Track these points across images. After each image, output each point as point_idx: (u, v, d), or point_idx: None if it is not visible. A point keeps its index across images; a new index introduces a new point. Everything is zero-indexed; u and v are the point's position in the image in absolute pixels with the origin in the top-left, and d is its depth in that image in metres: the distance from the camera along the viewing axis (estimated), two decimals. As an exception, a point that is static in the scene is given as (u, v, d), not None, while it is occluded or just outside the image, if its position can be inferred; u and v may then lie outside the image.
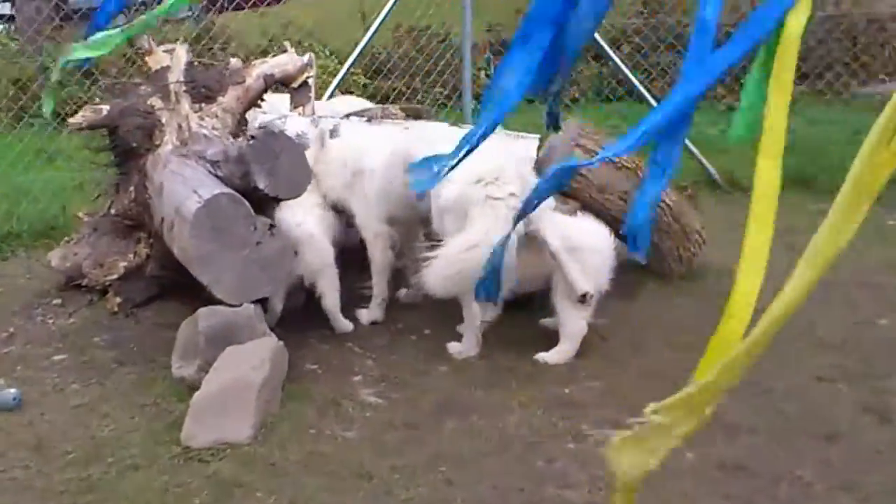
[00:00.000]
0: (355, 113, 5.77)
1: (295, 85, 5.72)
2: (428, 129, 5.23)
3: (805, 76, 9.44)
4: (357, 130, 5.36)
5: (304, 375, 4.33)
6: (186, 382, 4.11)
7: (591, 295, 4.47)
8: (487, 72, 10.18)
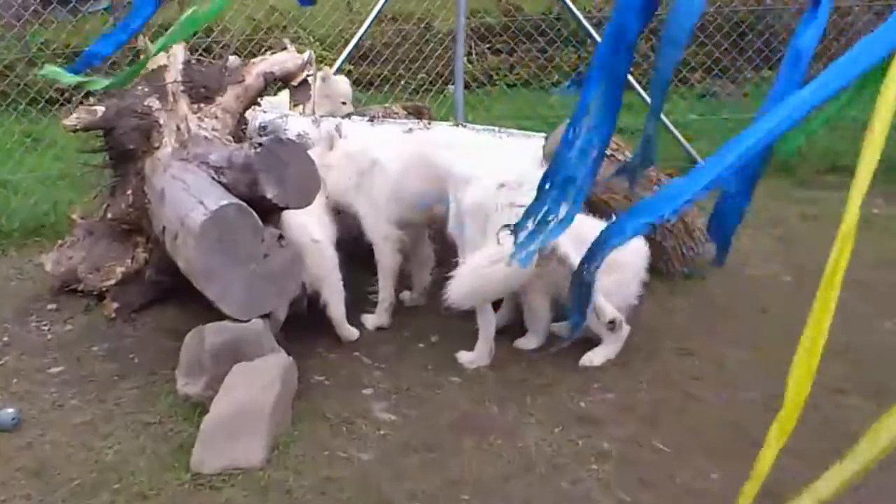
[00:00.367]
0: (356, 113, 5.51)
1: (295, 83, 5.45)
2: (448, 134, 4.97)
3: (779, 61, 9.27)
4: (365, 132, 5.11)
5: (313, 389, 4.11)
6: (192, 400, 3.88)
7: (621, 320, 4.34)
8: (470, 59, 9.90)
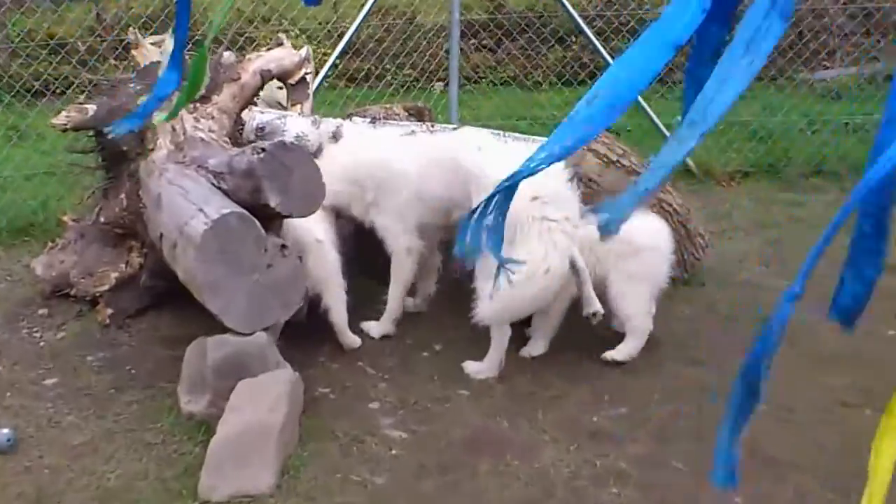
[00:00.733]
0: (356, 113, 5.25)
1: (292, 81, 5.18)
2: (471, 135, 4.64)
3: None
4: (379, 136, 4.80)
5: (319, 403, 3.89)
6: (196, 419, 3.66)
7: (601, 314, 4.21)
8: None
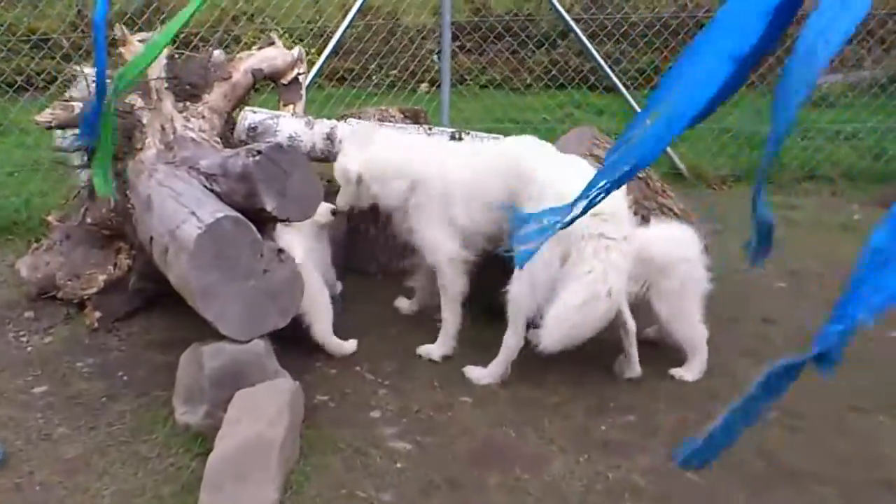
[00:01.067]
0: (351, 115, 5.04)
1: (284, 81, 4.96)
2: (536, 148, 4.16)
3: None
4: (425, 143, 4.49)
5: (319, 412, 3.70)
6: (193, 430, 3.46)
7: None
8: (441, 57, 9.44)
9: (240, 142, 4.60)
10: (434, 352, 4.23)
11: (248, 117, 4.68)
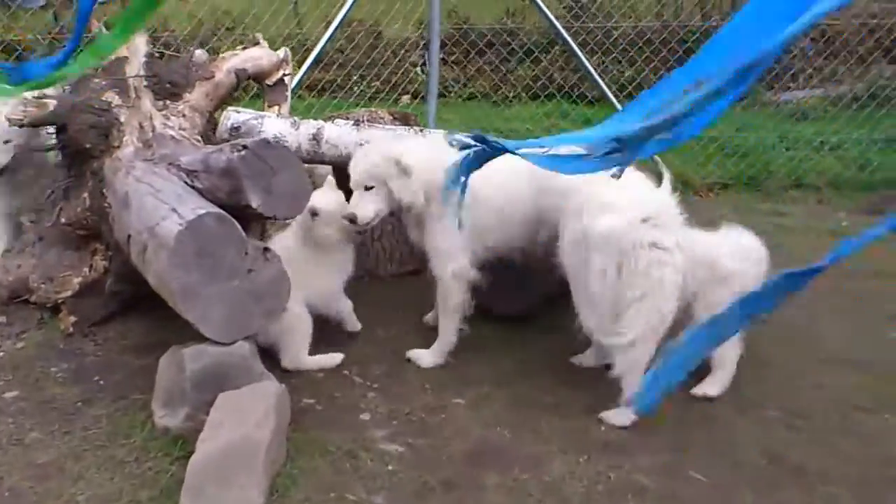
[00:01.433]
0: (339, 116, 4.87)
1: (270, 82, 4.81)
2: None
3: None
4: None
5: (305, 415, 3.53)
6: (172, 433, 3.28)
7: None
8: (424, 69, 9.33)
9: (222, 141, 4.42)
10: (424, 359, 4.03)
11: (231, 117, 4.52)
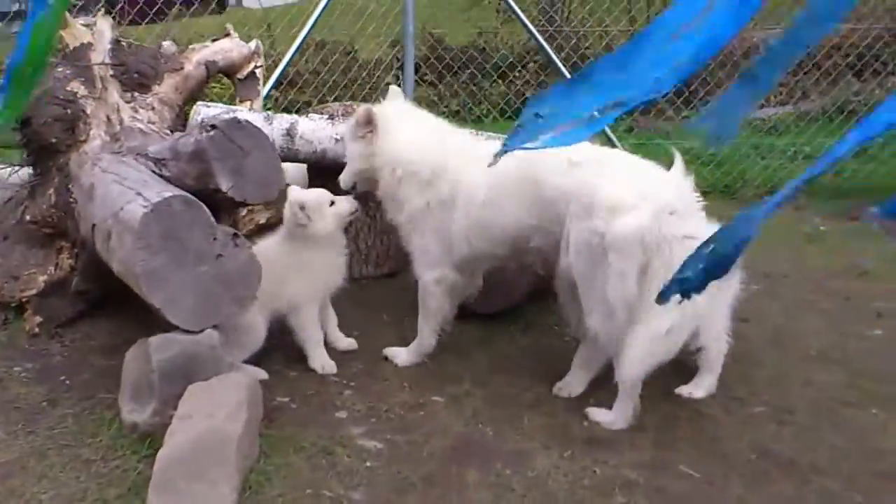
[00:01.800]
0: (313, 110, 4.74)
1: (241, 76, 4.67)
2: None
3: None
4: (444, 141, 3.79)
5: (279, 412, 3.39)
6: (141, 430, 3.11)
7: None
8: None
9: (192, 136, 4.29)
10: (401, 357, 3.89)
11: (202, 112, 4.37)
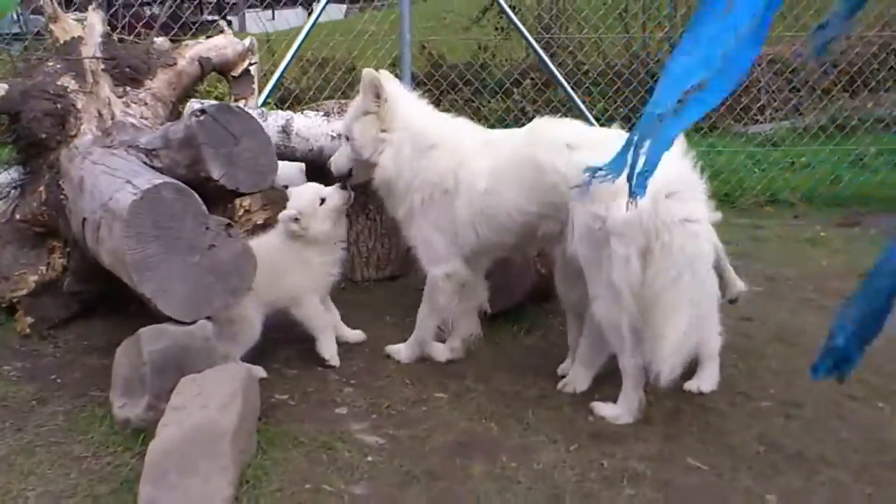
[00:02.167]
0: (309, 108, 4.66)
1: (235, 73, 4.58)
2: (557, 129, 3.38)
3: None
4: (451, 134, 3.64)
5: (278, 409, 3.28)
6: (133, 425, 3.00)
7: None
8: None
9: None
10: (402, 353, 3.79)
11: (195, 107, 4.26)
